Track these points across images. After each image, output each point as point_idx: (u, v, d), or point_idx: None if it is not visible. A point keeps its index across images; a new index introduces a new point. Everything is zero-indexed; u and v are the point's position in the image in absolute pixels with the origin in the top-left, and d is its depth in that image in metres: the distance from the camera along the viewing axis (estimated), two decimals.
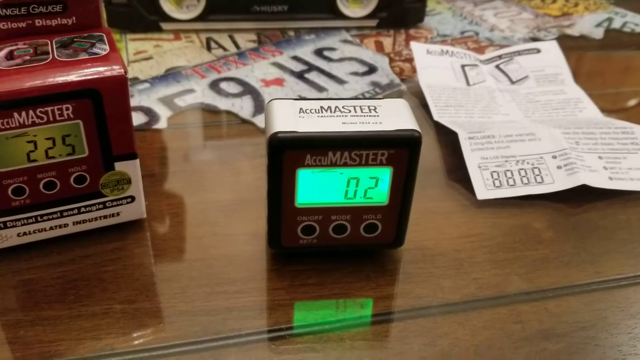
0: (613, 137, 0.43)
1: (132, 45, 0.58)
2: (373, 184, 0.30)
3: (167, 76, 0.52)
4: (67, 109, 0.29)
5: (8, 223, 0.32)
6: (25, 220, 0.32)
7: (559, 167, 0.40)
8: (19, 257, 0.33)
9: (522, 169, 0.40)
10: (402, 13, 0.63)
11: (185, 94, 0.50)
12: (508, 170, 0.40)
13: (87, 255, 0.34)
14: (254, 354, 0.29)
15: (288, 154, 0.28)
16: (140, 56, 0.56)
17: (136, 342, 0.29)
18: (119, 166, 0.32)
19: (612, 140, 0.42)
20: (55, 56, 0.30)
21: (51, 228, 0.33)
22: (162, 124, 0.46)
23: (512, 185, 0.39)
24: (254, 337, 0.29)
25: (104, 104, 0.30)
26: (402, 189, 0.30)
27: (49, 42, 0.32)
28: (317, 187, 0.30)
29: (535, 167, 0.40)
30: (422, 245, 0.36)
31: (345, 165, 0.29)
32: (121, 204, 0.34)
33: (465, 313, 0.31)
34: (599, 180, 0.40)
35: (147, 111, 0.47)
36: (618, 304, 0.33)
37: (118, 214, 0.34)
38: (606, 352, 0.30)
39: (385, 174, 0.30)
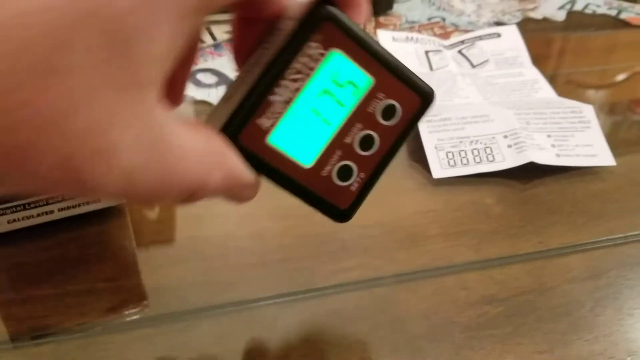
0: (562, 116, 0.46)
1: None
2: (342, 79, 0.24)
3: None
4: None
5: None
6: (14, 209, 0.35)
7: (509, 146, 0.43)
8: (9, 242, 0.36)
9: (475, 148, 0.43)
10: (372, 1, 0.66)
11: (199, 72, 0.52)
12: (462, 150, 0.43)
13: (71, 239, 0.37)
14: (225, 320, 0.32)
15: (243, 138, 0.23)
16: None
17: (118, 315, 0.32)
18: None
19: (561, 120, 0.46)
20: None
21: (38, 215, 0.36)
22: None
23: (465, 165, 0.42)
24: (224, 310, 0.33)
25: None
26: (371, 56, 0.24)
27: None
28: (302, 134, 0.24)
29: (488, 147, 0.43)
30: (380, 221, 0.39)
31: (297, 91, 0.23)
32: None
33: (416, 282, 0.35)
34: (547, 157, 0.43)
35: None
36: (557, 270, 0.36)
37: (99, 200, 0.37)
38: (542, 314, 0.33)
39: (339, 61, 0.23)
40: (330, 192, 0.25)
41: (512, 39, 0.58)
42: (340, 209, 0.26)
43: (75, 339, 0.31)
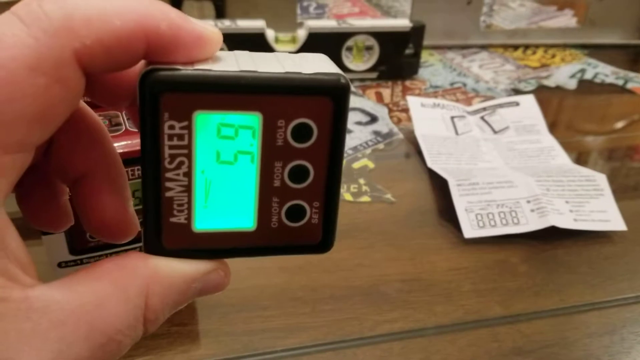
0: (578, 184, 0.51)
1: None
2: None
3: None
4: (138, 170, 0.37)
5: (84, 260, 0.39)
6: (97, 257, 0.39)
7: (532, 211, 0.48)
8: None
9: (501, 211, 0.48)
10: (399, 67, 0.72)
11: None
12: (490, 213, 0.48)
13: None
14: None
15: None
16: None
17: (191, 357, 0.36)
18: None
19: (577, 187, 0.51)
20: (127, 127, 0.38)
21: None
22: None
23: (493, 226, 0.47)
24: (285, 354, 0.37)
25: None
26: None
27: (120, 114, 0.39)
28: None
29: (513, 211, 0.48)
30: (419, 277, 0.43)
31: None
32: None
33: (453, 334, 0.39)
34: (566, 221, 0.47)
35: None
36: (577, 326, 0.40)
37: None
38: None
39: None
40: (292, 237, 0.22)
41: (529, 107, 0.63)
42: (313, 244, 0.23)
43: None
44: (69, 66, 0.17)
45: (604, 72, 0.77)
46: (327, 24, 0.70)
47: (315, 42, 0.69)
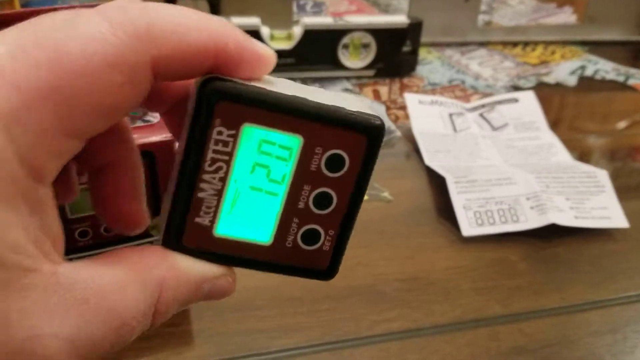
0: (579, 180, 0.50)
1: None
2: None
3: None
4: None
5: (73, 260, 0.38)
6: (86, 257, 0.39)
7: (531, 208, 0.47)
8: None
9: (500, 209, 0.47)
10: (397, 64, 0.71)
11: None
12: (489, 211, 0.47)
13: None
14: None
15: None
16: None
17: (183, 358, 0.36)
18: None
19: (577, 184, 0.50)
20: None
21: None
22: None
23: (492, 224, 0.46)
24: (280, 354, 0.36)
25: (156, 163, 0.37)
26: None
27: None
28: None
29: (512, 208, 0.47)
30: (417, 275, 0.42)
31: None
32: None
33: (452, 333, 0.38)
34: (566, 219, 0.47)
35: None
36: (579, 325, 0.39)
37: None
38: None
39: None
40: (303, 259, 0.23)
41: (529, 104, 0.62)
42: (320, 270, 0.24)
43: None
44: (144, 70, 0.18)
45: (605, 68, 0.77)
46: (323, 21, 0.69)
47: (311, 40, 0.68)
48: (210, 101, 0.20)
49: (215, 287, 0.22)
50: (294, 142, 0.21)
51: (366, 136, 0.22)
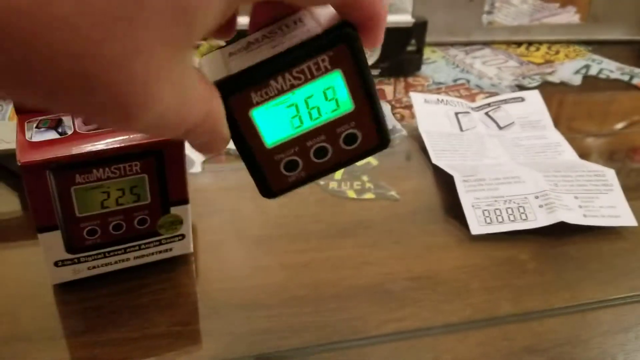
0: (587, 179, 0.50)
1: None
2: (331, 95, 0.28)
3: None
4: (136, 165, 0.36)
5: (81, 259, 0.38)
6: (95, 256, 0.38)
7: (540, 206, 0.47)
8: (86, 287, 0.39)
9: (509, 207, 0.47)
10: (401, 63, 0.71)
11: None
12: (497, 209, 0.47)
13: (144, 285, 0.40)
14: None
15: (232, 100, 0.26)
16: None
17: (192, 358, 0.35)
18: (174, 210, 0.39)
19: (586, 182, 0.49)
20: None
21: (115, 262, 0.39)
22: (196, 168, 0.52)
23: (500, 222, 0.46)
24: (289, 354, 0.36)
25: (165, 161, 0.37)
26: (362, 88, 0.28)
27: None
28: (278, 120, 0.28)
29: (520, 206, 0.47)
30: (425, 274, 0.42)
31: (293, 87, 0.27)
32: (173, 241, 0.40)
33: (463, 332, 0.38)
34: (575, 217, 0.46)
35: None
36: (590, 323, 0.39)
37: (170, 249, 0.40)
38: None
39: (337, 80, 0.27)
40: (273, 173, 0.29)
41: (535, 103, 0.62)
42: (272, 189, 0.30)
43: None
44: None
45: (609, 68, 0.76)
46: None
47: None
48: (341, 39, 0.25)
49: (213, 143, 0.26)
50: (347, 106, 0.28)
51: (379, 142, 0.29)
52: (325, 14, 0.27)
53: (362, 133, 0.29)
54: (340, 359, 0.36)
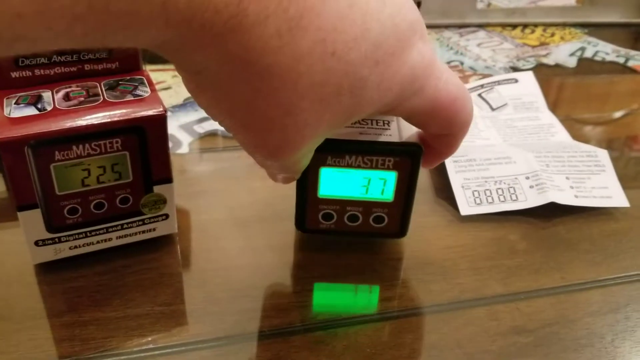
0: (579, 159, 0.49)
1: (152, 75, 0.63)
2: (382, 184, 0.37)
3: (185, 105, 0.58)
4: (117, 142, 0.35)
5: (62, 238, 0.37)
6: (76, 236, 0.38)
7: (531, 187, 0.46)
8: (68, 267, 0.39)
9: (499, 188, 0.46)
10: None
11: (203, 122, 0.56)
12: (487, 190, 0.46)
13: (127, 265, 0.39)
14: (274, 347, 0.34)
15: (315, 154, 0.32)
16: (160, 86, 0.61)
17: (175, 337, 0.35)
18: (157, 189, 0.38)
19: (578, 163, 0.49)
20: (105, 97, 0.36)
21: (98, 242, 0.39)
22: (184, 149, 0.52)
23: (490, 203, 0.45)
24: (274, 333, 0.35)
25: (147, 138, 0.36)
26: (406, 189, 0.37)
27: (98, 84, 0.37)
28: (336, 182, 0.37)
29: (511, 187, 0.46)
30: (414, 255, 0.42)
31: (359, 167, 0.36)
32: (157, 221, 0.40)
33: (450, 312, 0.37)
34: (566, 198, 0.46)
35: (170, 137, 0.53)
36: (579, 304, 0.39)
37: (154, 229, 0.40)
38: (567, 345, 0.36)
39: (391, 177, 0.36)
40: (312, 216, 0.39)
41: (528, 84, 0.61)
42: (306, 226, 0.39)
43: None
44: None
45: (605, 50, 0.76)
46: None
47: None
48: (409, 156, 0.36)
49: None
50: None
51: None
52: (408, 127, 0.35)
53: (389, 219, 0.38)
54: (326, 338, 0.35)
